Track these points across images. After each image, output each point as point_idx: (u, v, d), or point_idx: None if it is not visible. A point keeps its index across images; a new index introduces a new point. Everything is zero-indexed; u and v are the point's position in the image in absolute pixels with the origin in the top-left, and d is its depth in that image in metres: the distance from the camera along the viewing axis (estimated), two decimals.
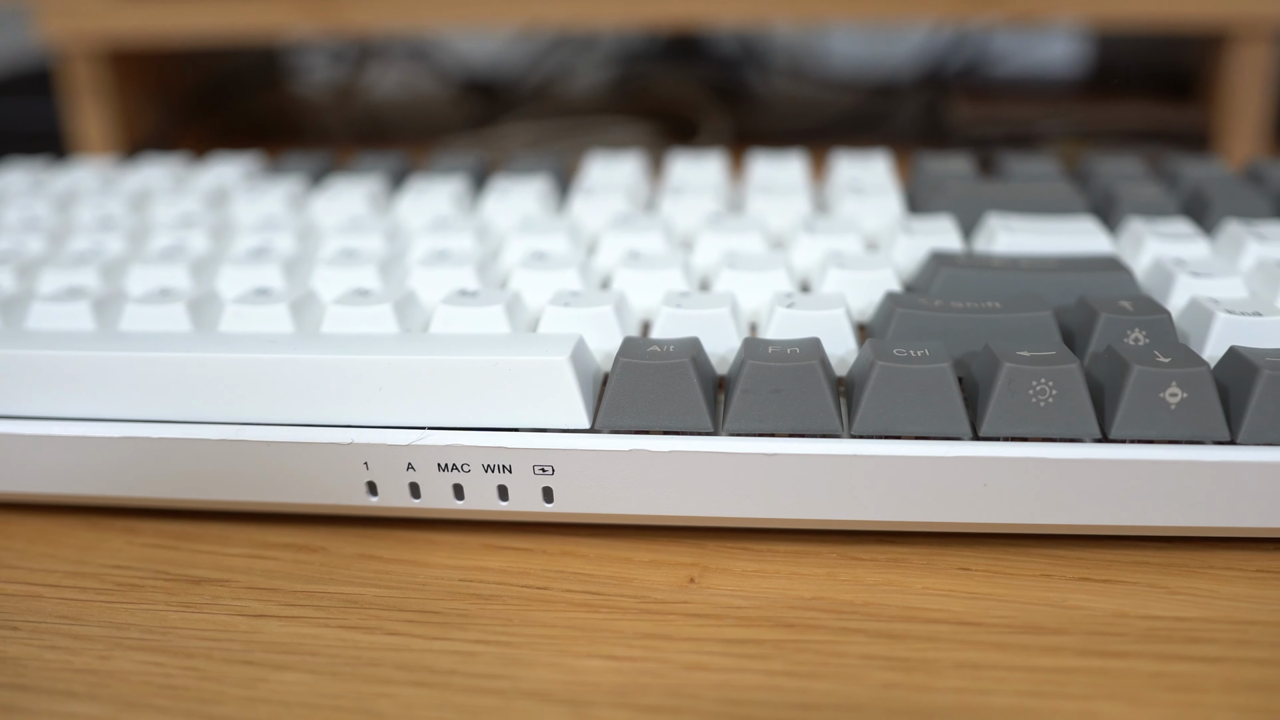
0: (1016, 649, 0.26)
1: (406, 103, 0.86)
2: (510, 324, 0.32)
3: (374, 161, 0.47)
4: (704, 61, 0.82)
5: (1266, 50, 0.60)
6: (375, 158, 0.47)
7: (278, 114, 0.83)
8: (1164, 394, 0.27)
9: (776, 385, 0.28)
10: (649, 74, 0.80)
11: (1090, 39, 0.83)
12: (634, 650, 0.26)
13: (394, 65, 0.85)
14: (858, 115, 0.74)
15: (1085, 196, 0.40)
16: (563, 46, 0.83)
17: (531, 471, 0.29)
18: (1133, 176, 0.41)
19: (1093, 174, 0.42)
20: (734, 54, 0.83)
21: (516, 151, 0.50)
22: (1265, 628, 0.27)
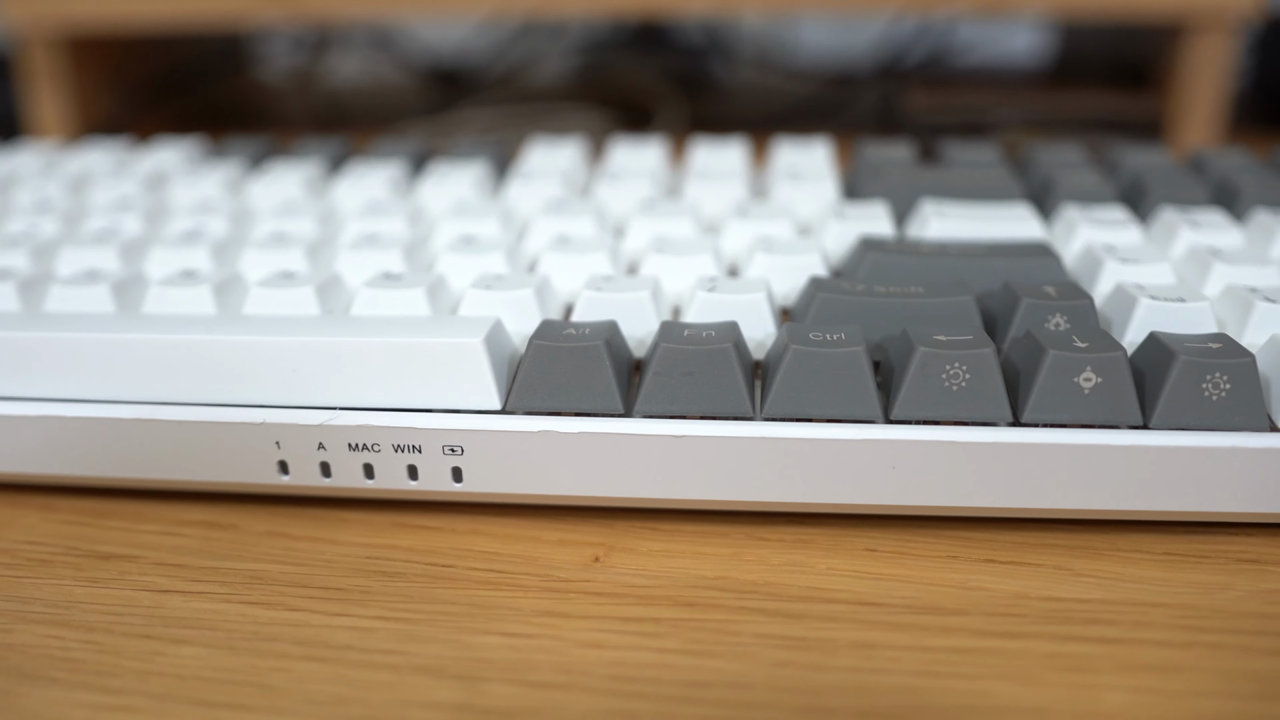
0: (914, 629, 0.26)
1: (369, 89, 0.86)
2: (431, 307, 0.31)
3: (315, 146, 0.47)
4: (669, 51, 0.82)
5: (1221, 41, 0.60)
6: (317, 142, 0.47)
7: (239, 101, 0.83)
8: (1078, 378, 0.27)
9: (689, 368, 0.28)
10: (612, 63, 0.80)
11: (1054, 30, 0.82)
12: (531, 628, 0.26)
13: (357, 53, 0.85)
14: (817, 104, 0.74)
15: (1023, 183, 0.40)
16: (529, 35, 0.83)
17: (441, 452, 0.29)
18: (1072, 164, 0.41)
19: (1032, 161, 0.42)
20: (700, 44, 0.83)
21: (464, 137, 0.50)
22: (1166, 610, 0.27)
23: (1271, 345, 0.29)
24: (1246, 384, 0.27)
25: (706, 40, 0.84)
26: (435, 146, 0.48)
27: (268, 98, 0.84)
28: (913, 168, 0.41)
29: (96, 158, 0.46)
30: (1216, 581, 0.28)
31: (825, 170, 0.41)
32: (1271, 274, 0.32)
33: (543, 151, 0.45)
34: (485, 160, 0.44)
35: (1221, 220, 0.36)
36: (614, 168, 0.42)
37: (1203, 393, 0.27)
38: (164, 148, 0.48)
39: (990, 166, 0.41)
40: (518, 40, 0.84)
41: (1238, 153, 0.42)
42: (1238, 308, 0.31)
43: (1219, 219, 0.36)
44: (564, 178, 0.41)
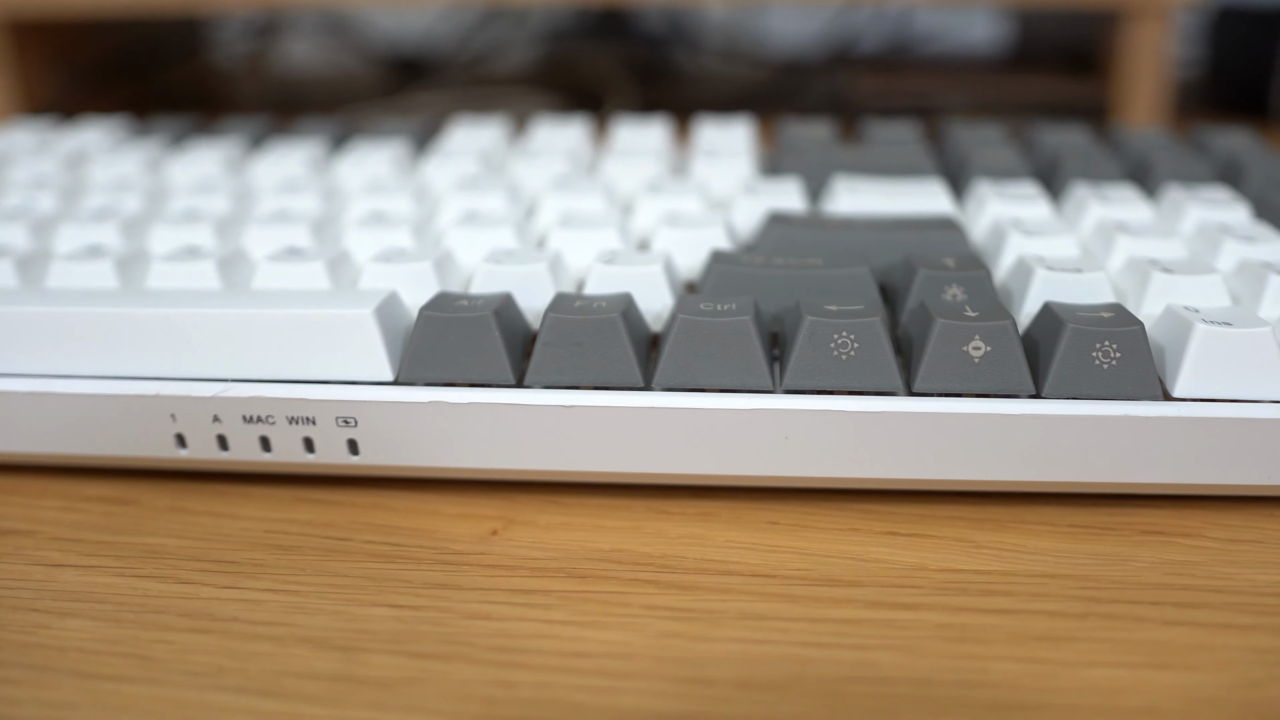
0: (806, 601, 0.26)
1: (327, 76, 0.86)
2: (332, 280, 0.31)
3: (237, 125, 0.46)
4: (631, 39, 0.82)
5: (1160, 27, 0.60)
6: (240, 122, 0.47)
7: (192, 85, 0.82)
8: (967, 347, 0.27)
9: (577, 338, 0.28)
10: (574, 51, 0.80)
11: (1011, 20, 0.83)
12: (420, 600, 0.26)
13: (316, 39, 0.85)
14: (772, 91, 0.74)
15: (940, 161, 0.40)
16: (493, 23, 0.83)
17: (335, 424, 0.29)
18: (989, 142, 0.41)
19: (950, 139, 0.42)
20: (662, 32, 0.83)
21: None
22: (1064, 581, 0.27)
23: (1167, 315, 0.28)
24: (1136, 352, 0.27)
25: (669, 28, 0.84)
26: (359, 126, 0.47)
27: (222, 83, 0.84)
28: (831, 145, 0.41)
29: (20, 138, 0.46)
30: (1119, 553, 0.28)
31: (743, 148, 0.41)
32: (1175, 246, 0.32)
33: (465, 131, 0.44)
34: (405, 139, 0.44)
35: (1132, 195, 0.36)
36: (534, 146, 0.42)
37: (1093, 361, 0.27)
38: (89, 128, 0.47)
39: (907, 144, 0.41)
40: (481, 28, 0.84)
41: (1155, 131, 0.42)
42: (1137, 279, 0.30)
43: (1130, 194, 0.36)
44: (483, 156, 0.41)
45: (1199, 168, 0.38)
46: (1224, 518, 0.29)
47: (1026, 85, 0.65)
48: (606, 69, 0.75)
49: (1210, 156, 0.41)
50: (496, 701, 0.23)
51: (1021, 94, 0.64)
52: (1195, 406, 0.27)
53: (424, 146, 0.45)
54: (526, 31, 0.83)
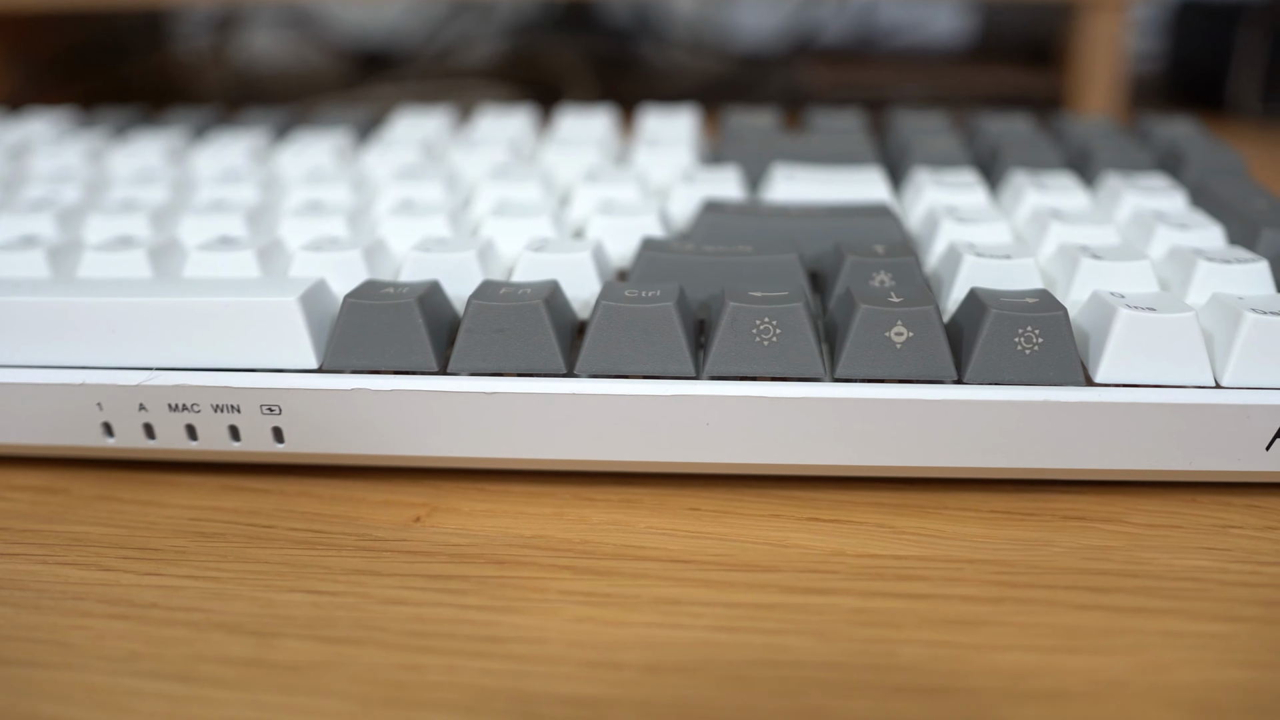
0: (721, 586, 0.26)
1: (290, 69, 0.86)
2: (262, 269, 0.31)
3: (181, 116, 0.46)
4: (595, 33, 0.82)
5: (1116, 18, 0.60)
6: (185, 113, 0.47)
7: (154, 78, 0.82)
8: (889, 333, 0.27)
9: (500, 325, 0.28)
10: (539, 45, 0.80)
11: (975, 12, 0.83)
12: (338, 586, 0.26)
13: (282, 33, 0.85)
14: (734, 83, 0.74)
15: (881, 149, 0.40)
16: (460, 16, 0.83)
17: (259, 411, 0.29)
18: (931, 130, 0.41)
19: (893, 128, 0.42)
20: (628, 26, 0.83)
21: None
22: (980, 565, 0.27)
23: (1093, 301, 0.28)
24: (1058, 337, 0.27)
25: (635, 22, 0.84)
26: (304, 117, 0.47)
27: (184, 76, 0.84)
28: (773, 134, 0.41)
29: None
30: (1038, 538, 0.28)
31: (684, 137, 0.41)
32: (1109, 233, 0.32)
33: (409, 121, 0.44)
34: (348, 129, 0.44)
35: (1070, 183, 0.36)
36: (477, 136, 0.42)
37: (1015, 346, 0.27)
38: (35, 118, 0.47)
39: (849, 132, 0.41)
40: (448, 22, 0.84)
41: (1098, 120, 0.42)
42: (1067, 265, 0.31)
43: (1068, 182, 0.36)
44: (424, 146, 0.41)
45: (1139, 156, 0.38)
46: (1146, 503, 0.29)
47: (984, 77, 0.65)
48: (568, 62, 0.75)
49: (1152, 145, 0.41)
50: (404, 685, 0.23)
51: (979, 86, 0.64)
52: (1117, 392, 0.27)
53: (366, 136, 0.45)
54: (492, 25, 0.83)
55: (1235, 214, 0.33)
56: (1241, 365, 0.27)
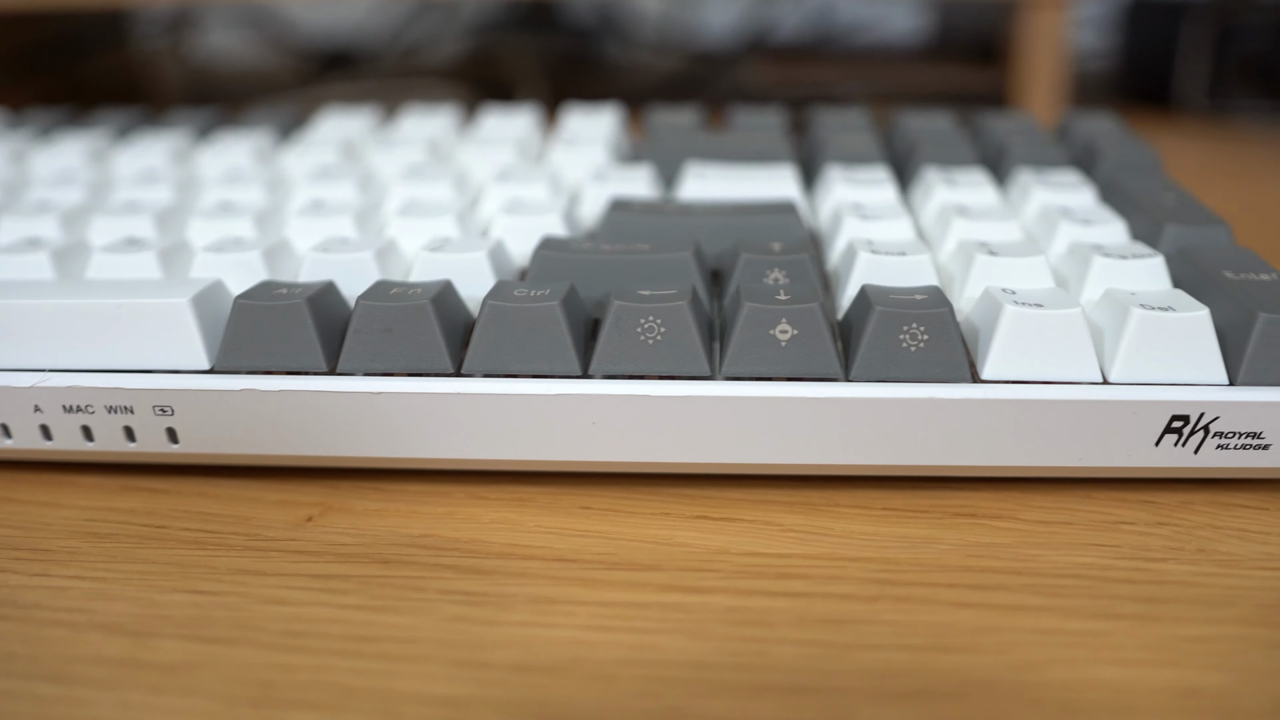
0: (600, 585, 0.26)
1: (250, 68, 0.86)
2: (164, 270, 0.31)
3: (106, 117, 0.46)
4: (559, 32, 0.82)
5: (1058, 15, 0.60)
6: (111, 114, 0.47)
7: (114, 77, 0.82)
8: (774, 330, 0.27)
9: (387, 324, 0.28)
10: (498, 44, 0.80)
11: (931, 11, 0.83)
12: (221, 586, 0.26)
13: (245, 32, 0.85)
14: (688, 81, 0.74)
15: (798, 146, 0.40)
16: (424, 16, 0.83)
17: (152, 412, 0.29)
18: (848, 128, 0.41)
19: (813, 125, 0.42)
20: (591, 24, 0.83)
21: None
22: (863, 564, 0.27)
23: (984, 297, 0.29)
24: (944, 334, 0.27)
25: (599, 21, 0.84)
26: (229, 117, 0.47)
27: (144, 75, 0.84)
28: (691, 132, 0.41)
29: None
30: (926, 535, 0.28)
31: (603, 136, 0.41)
32: (1012, 229, 0.32)
33: (332, 121, 0.44)
34: (270, 129, 0.44)
35: (981, 179, 0.36)
36: (398, 135, 0.42)
37: (901, 344, 0.27)
38: None
39: (767, 130, 0.41)
40: (412, 22, 0.84)
41: (1018, 117, 0.42)
42: (963, 261, 0.31)
43: (979, 178, 0.36)
44: (344, 145, 0.41)
45: (1054, 153, 0.38)
46: (1039, 500, 0.29)
47: (932, 75, 0.65)
48: (526, 62, 0.75)
49: (1070, 142, 0.41)
50: (273, 685, 0.23)
51: (926, 84, 0.65)
52: (1002, 388, 0.27)
53: (289, 136, 0.45)
54: (456, 25, 0.83)
55: (1142, 209, 0.33)
56: (1129, 361, 0.27)
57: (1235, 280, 0.29)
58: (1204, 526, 0.28)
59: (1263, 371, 0.27)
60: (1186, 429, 0.27)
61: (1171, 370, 0.27)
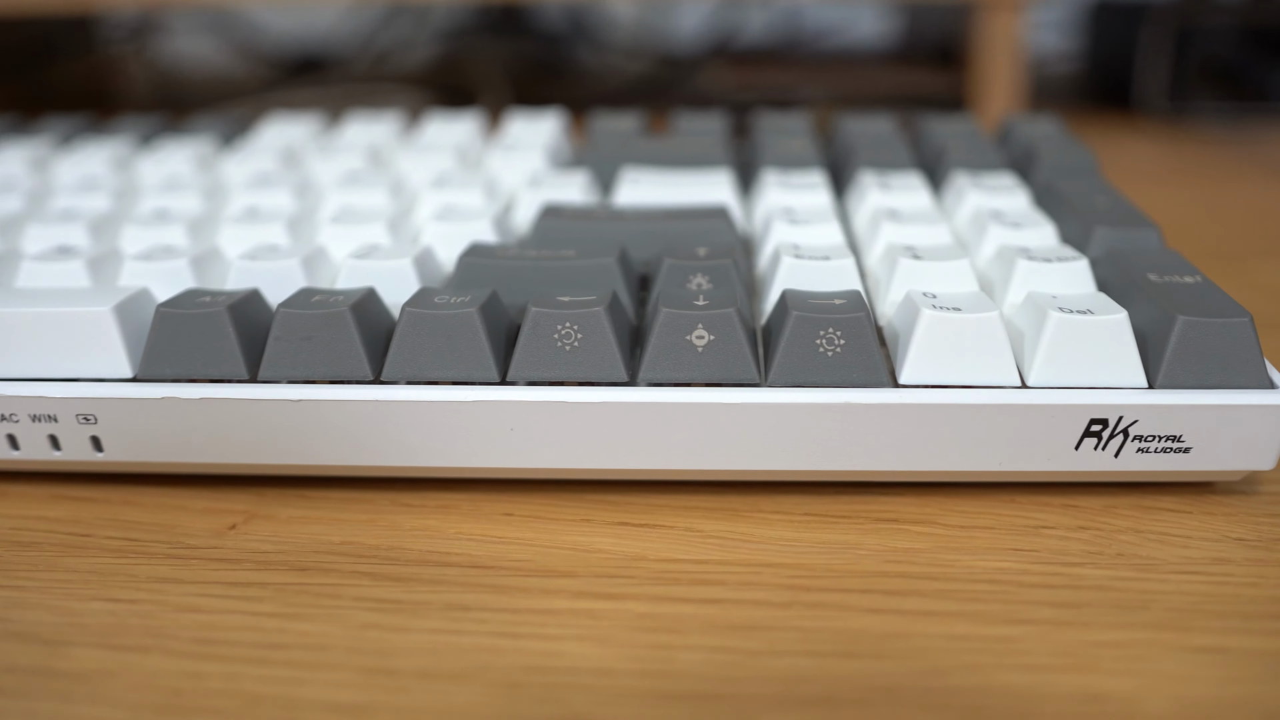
0: (515, 591, 0.26)
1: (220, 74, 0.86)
2: (93, 279, 0.31)
3: (51, 124, 0.47)
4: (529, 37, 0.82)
5: (1015, 18, 0.60)
6: (57, 121, 0.47)
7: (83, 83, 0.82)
8: (690, 336, 0.27)
9: (307, 332, 0.28)
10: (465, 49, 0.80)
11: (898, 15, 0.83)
12: (139, 594, 0.26)
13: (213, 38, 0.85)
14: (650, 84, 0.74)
15: (737, 151, 0.40)
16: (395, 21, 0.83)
17: (76, 421, 0.29)
18: (788, 132, 0.41)
19: (754, 129, 0.42)
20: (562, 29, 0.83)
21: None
22: (779, 569, 0.27)
23: (905, 302, 0.29)
24: (860, 339, 0.27)
25: (570, 26, 0.84)
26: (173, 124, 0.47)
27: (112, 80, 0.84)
28: (631, 138, 0.41)
29: None
30: (846, 541, 0.28)
31: (541, 142, 0.41)
32: (942, 233, 0.33)
33: (276, 128, 0.45)
34: (213, 136, 0.44)
35: (917, 183, 0.36)
36: (341, 142, 0.42)
37: (817, 349, 0.27)
38: None
39: (707, 135, 0.41)
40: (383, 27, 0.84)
41: (962, 120, 0.42)
42: (889, 265, 0.31)
43: (915, 182, 0.36)
44: (285, 153, 0.41)
45: (993, 156, 0.38)
46: (962, 504, 0.29)
47: (894, 78, 0.65)
48: (491, 67, 0.75)
49: (1010, 145, 0.41)
50: (181, 693, 0.23)
51: (889, 86, 0.65)
52: (918, 393, 0.27)
53: (231, 143, 0.45)
54: (426, 30, 0.83)
55: (1074, 212, 0.33)
56: (1047, 364, 0.27)
57: (1159, 283, 0.29)
58: (1126, 530, 0.28)
59: (1182, 374, 0.27)
60: (1105, 432, 0.27)
61: (1090, 374, 0.27)
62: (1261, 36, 0.66)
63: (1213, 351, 0.27)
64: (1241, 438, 0.27)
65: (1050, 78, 0.79)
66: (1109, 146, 0.66)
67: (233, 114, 0.48)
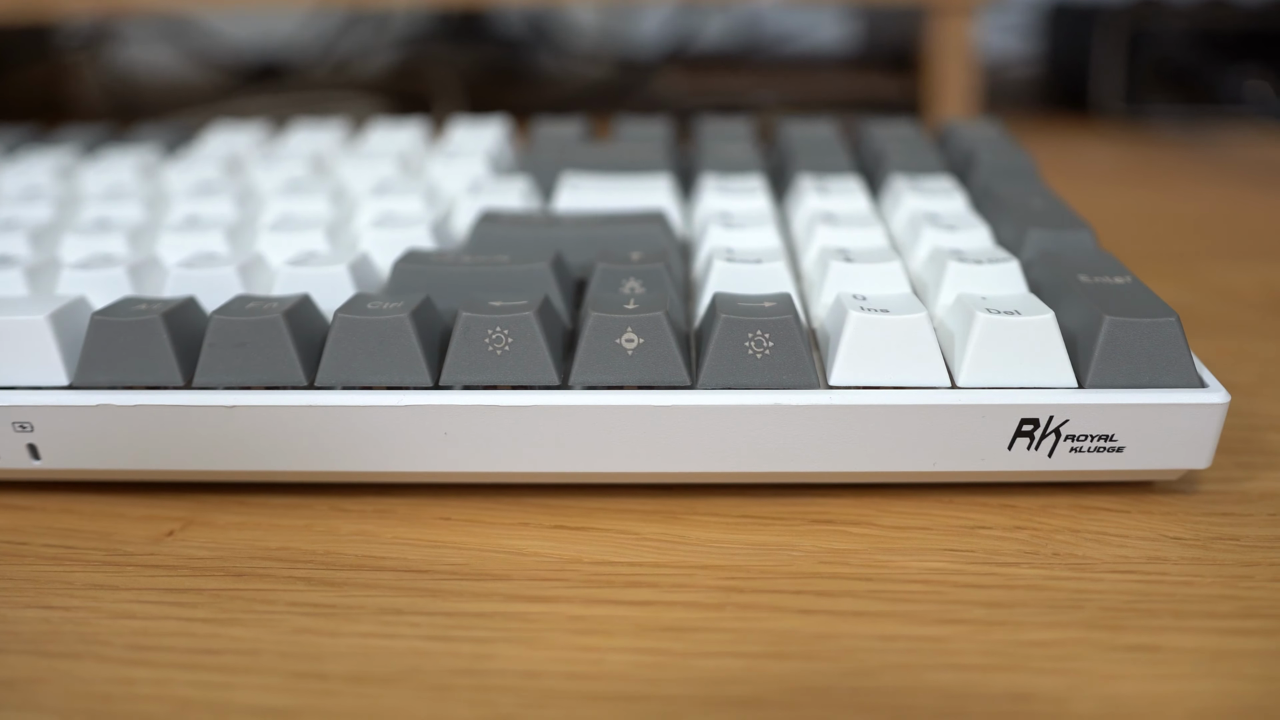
0: (448, 595, 0.26)
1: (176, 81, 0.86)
2: (30, 287, 0.31)
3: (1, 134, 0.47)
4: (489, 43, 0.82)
5: (964, 23, 0.61)
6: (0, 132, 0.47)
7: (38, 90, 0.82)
8: (620, 339, 0.28)
9: (241, 339, 0.28)
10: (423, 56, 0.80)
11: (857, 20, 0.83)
12: (73, 601, 0.26)
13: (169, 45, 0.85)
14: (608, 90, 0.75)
15: (681, 157, 0.40)
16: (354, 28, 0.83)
17: (12, 429, 0.29)
18: (729, 137, 0.41)
19: (696, 135, 0.42)
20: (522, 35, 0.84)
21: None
22: (713, 571, 0.27)
23: (835, 304, 0.29)
24: (788, 341, 0.27)
25: (530, 32, 0.84)
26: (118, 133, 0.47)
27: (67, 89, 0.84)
28: (573, 144, 0.41)
29: None
30: (780, 542, 0.28)
31: (482, 148, 0.41)
32: (877, 236, 0.33)
33: (219, 137, 0.45)
34: (156, 145, 0.44)
35: (855, 187, 0.36)
36: (284, 151, 0.42)
37: (746, 351, 0.27)
38: None
39: (649, 141, 0.41)
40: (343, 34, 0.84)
41: (900, 125, 0.43)
42: (821, 268, 0.31)
43: (853, 185, 0.36)
44: (228, 161, 0.41)
45: (931, 160, 0.39)
46: (898, 505, 0.29)
47: (850, 83, 0.66)
48: (447, 74, 0.75)
49: (951, 149, 0.41)
50: (111, 699, 0.23)
51: (846, 91, 0.65)
52: (845, 394, 0.27)
53: (174, 152, 0.45)
54: (386, 37, 0.83)
55: (1009, 215, 0.34)
56: (976, 365, 0.28)
57: (1089, 284, 0.29)
58: (1062, 530, 0.28)
59: (1111, 374, 0.27)
60: (1037, 432, 0.28)
61: (1020, 374, 0.27)
62: (1213, 39, 0.67)
63: (1141, 351, 0.27)
64: (1174, 436, 0.27)
65: (1010, 81, 0.80)
66: (1066, 149, 0.67)
67: (185, 122, 0.47)
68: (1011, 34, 0.81)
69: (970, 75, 0.62)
